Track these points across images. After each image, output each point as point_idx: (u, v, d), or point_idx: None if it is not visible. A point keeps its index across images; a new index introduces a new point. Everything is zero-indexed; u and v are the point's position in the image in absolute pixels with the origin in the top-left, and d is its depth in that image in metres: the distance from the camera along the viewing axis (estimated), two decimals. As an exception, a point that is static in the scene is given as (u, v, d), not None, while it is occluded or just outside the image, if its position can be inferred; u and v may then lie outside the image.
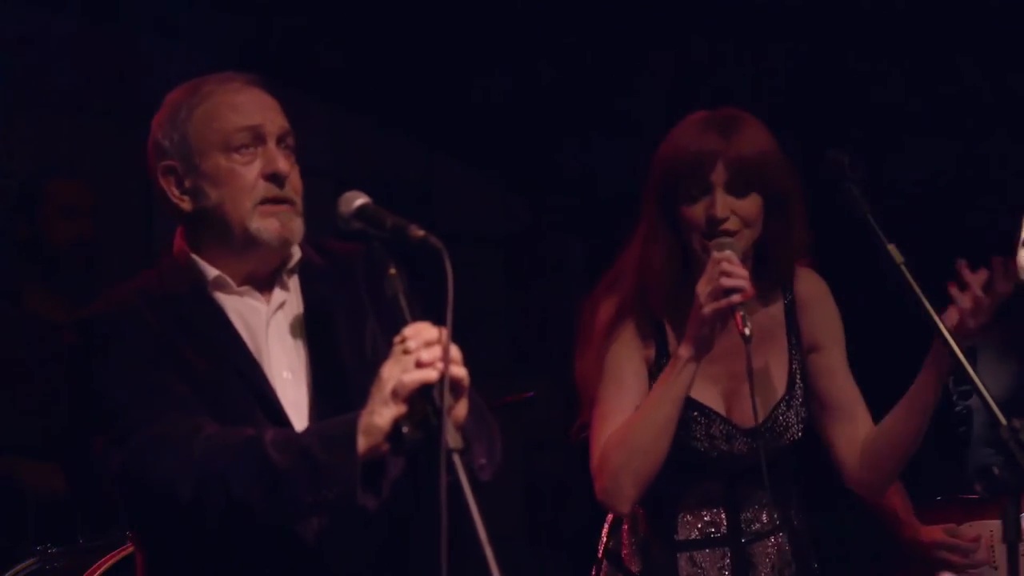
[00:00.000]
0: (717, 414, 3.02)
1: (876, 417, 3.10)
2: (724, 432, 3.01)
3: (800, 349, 3.09)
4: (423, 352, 2.26)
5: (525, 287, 6.44)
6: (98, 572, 3.74)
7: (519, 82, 5.76)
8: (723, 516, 3.05)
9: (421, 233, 2.32)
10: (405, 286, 2.36)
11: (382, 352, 2.38)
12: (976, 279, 2.82)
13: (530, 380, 5.99)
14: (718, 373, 3.01)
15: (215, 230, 2.56)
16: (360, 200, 2.44)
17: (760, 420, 2.96)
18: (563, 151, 5.98)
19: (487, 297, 6.24)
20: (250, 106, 2.57)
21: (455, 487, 2.13)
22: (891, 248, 2.81)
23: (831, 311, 3.13)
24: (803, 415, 3.06)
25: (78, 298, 4.36)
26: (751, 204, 2.94)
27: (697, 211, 2.94)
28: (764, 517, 3.08)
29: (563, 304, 6.43)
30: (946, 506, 3.80)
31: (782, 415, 3.04)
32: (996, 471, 2.61)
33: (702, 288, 2.85)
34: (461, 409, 2.32)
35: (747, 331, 2.79)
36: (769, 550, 3.08)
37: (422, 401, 2.25)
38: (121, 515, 3.73)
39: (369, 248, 2.42)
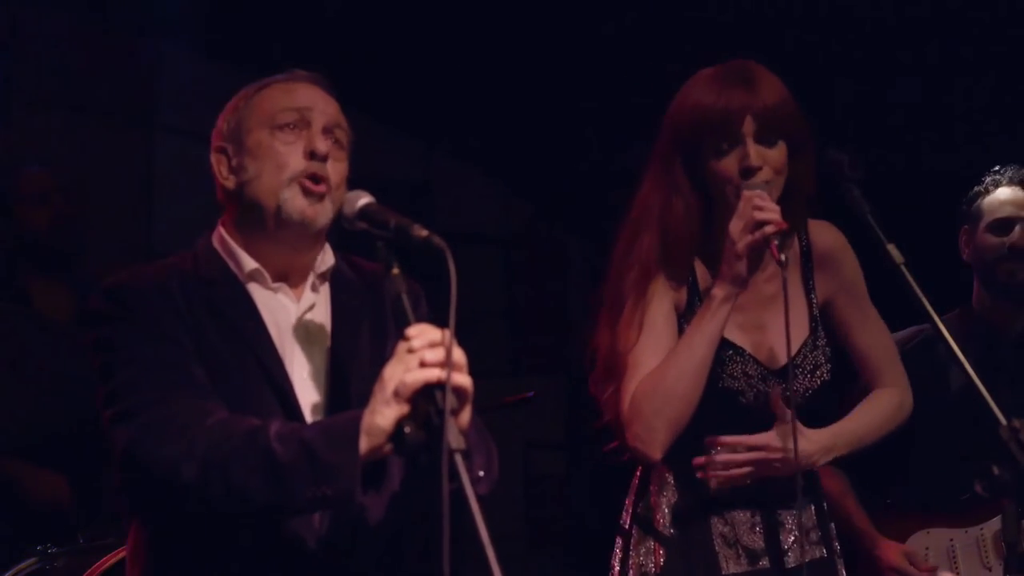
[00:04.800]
0: (750, 355, 3.04)
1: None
2: (758, 372, 3.03)
3: (817, 297, 3.13)
4: (427, 352, 2.25)
5: (525, 287, 6.44)
6: (98, 572, 3.74)
7: (519, 81, 5.76)
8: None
9: (424, 233, 2.32)
10: (409, 286, 2.35)
11: None
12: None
13: (530, 380, 6.01)
14: (745, 322, 3.04)
15: (251, 209, 2.57)
16: (364, 200, 2.44)
17: (791, 355, 3.00)
18: (564, 151, 5.99)
19: (487, 297, 6.24)
20: (303, 92, 2.60)
21: (457, 488, 2.12)
22: (891, 248, 2.81)
23: (846, 262, 3.18)
24: (829, 355, 3.10)
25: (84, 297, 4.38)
26: (779, 152, 2.99)
27: (729, 163, 2.97)
28: (792, 480, 3.06)
29: (563, 304, 6.45)
30: (907, 511, 3.80)
31: (810, 353, 3.08)
32: (996, 471, 2.61)
33: (735, 226, 2.91)
34: (465, 414, 2.30)
35: (783, 257, 2.85)
36: (796, 515, 3.07)
37: (425, 401, 2.23)
38: (121, 510, 3.73)
39: (373, 248, 2.41)
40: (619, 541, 3.16)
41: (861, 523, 3.72)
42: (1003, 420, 2.59)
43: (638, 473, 3.18)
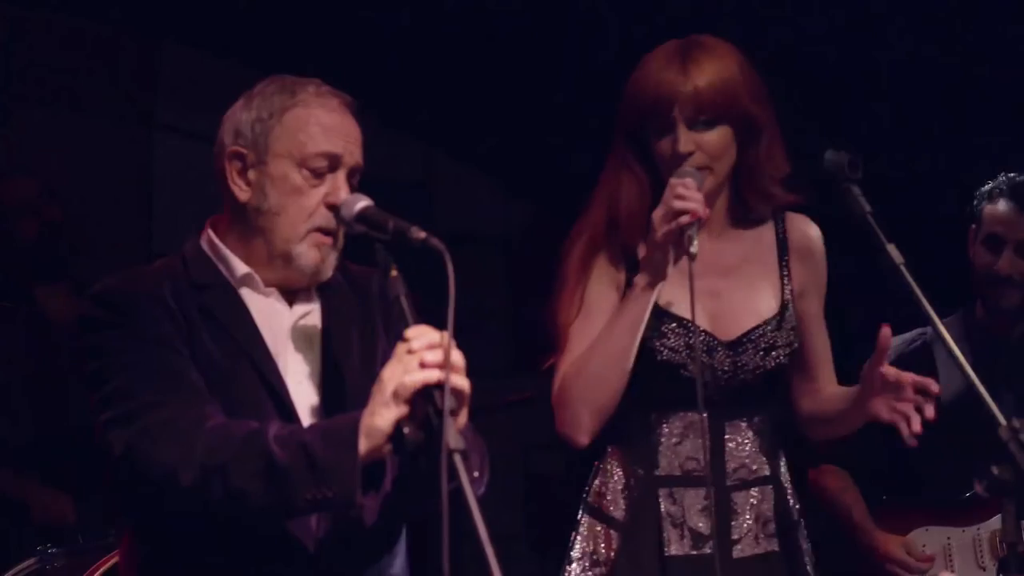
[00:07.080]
0: (695, 326, 2.91)
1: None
2: (704, 343, 2.93)
3: (792, 284, 3.05)
4: (427, 353, 2.26)
5: (525, 287, 6.43)
6: (98, 572, 3.75)
7: (520, 82, 5.77)
8: (705, 452, 2.89)
9: (422, 235, 2.33)
10: (407, 289, 2.36)
11: None
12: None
13: (530, 380, 6.01)
14: (699, 290, 2.86)
15: (258, 231, 2.56)
16: (362, 203, 2.46)
17: (744, 331, 2.94)
18: (564, 152, 5.99)
19: (487, 297, 6.25)
20: (338, 133, 2.55)
21: (456, 487, 2.12)
22: (891, 248, 2.80)
23: (820, 261, 3.11)
24: (791, 341, 3.00)
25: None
26: (718, 136, 2.91)
27: (665, 146, 2.92)
28: (749, 462, 2.99)
29: (563, 304, 6.45)
30: (907, 509, 3.79)
31: (770, 333, 2.98)
32: (996, 471, 2.61)
33: (656, 213, 2.83)
34: (463, 416, 2.31)
35: (693, 250, 2.76)
36: (753, 500, 2.99)
37: (424, 402, 2.24)
38: (116, 513, 3.73)
39: (373, 252, 2.42)
40: (572, 535, 3.11)
41: (859, 517, 3.72)
42: (1003, 420, 2.59)
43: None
